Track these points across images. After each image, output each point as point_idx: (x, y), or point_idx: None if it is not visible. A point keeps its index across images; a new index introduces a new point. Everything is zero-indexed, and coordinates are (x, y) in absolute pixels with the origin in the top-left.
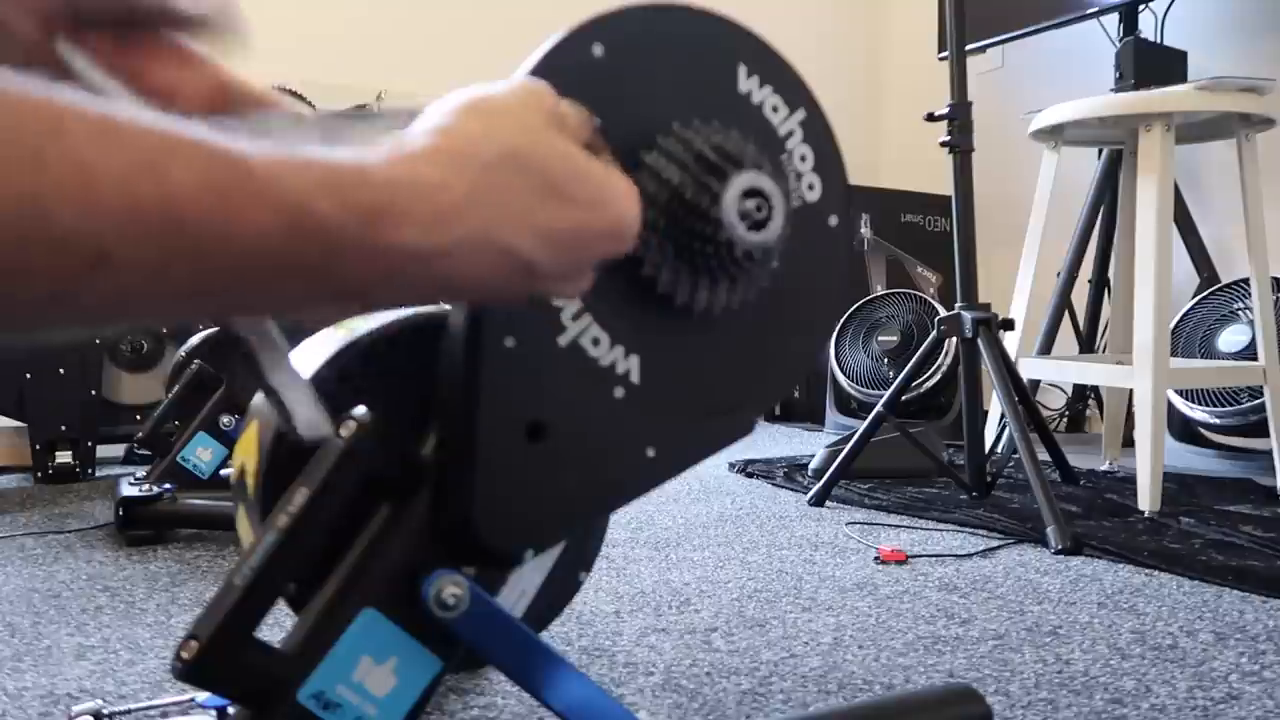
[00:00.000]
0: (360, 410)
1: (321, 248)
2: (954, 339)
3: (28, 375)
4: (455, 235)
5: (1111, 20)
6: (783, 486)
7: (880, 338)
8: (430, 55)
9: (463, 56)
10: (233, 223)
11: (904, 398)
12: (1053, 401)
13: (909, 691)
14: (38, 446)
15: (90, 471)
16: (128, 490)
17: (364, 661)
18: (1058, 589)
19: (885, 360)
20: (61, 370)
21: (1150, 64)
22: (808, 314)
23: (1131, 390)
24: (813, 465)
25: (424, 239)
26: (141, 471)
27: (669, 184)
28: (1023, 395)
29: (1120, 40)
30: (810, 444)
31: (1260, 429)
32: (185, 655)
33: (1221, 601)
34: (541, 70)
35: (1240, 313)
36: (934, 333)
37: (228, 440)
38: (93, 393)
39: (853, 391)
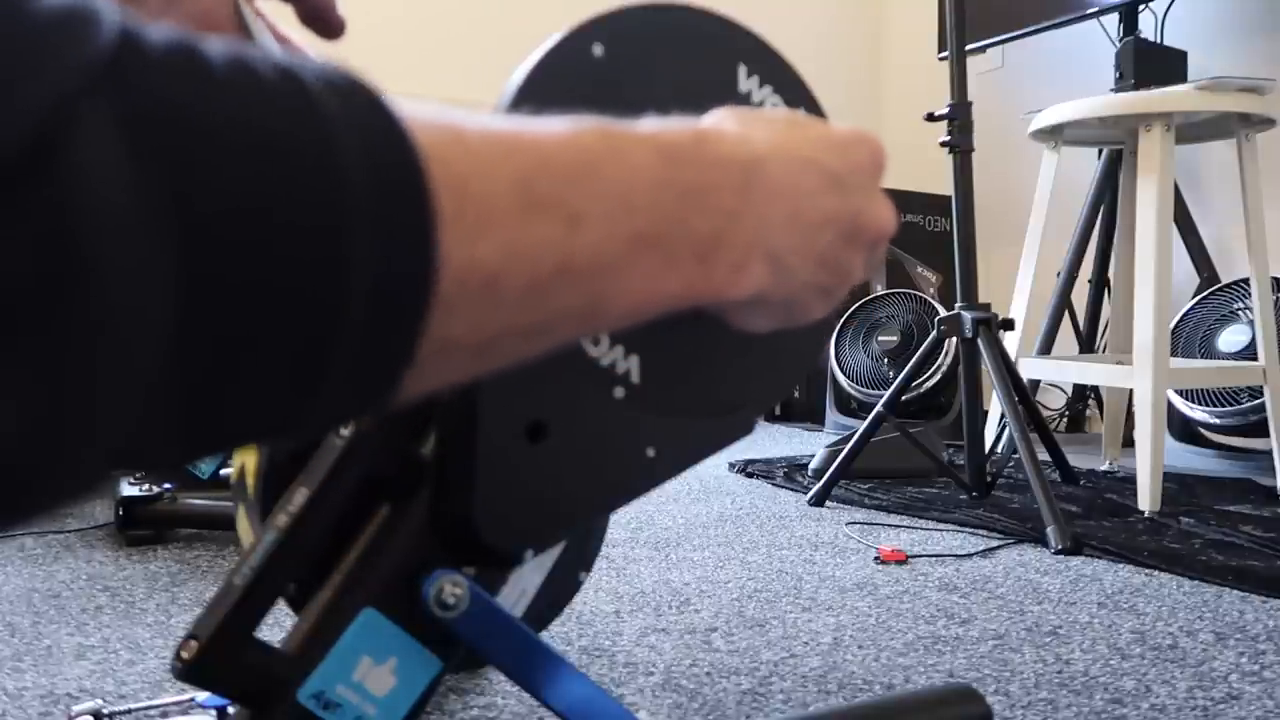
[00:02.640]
0: None
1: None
2: (954, 339)
3: None
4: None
5: (1111, 20)
6: (783, 486)
7: (880, 338)
8: (430, 55)
9: (463, 57)
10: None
11: (904, 398)
12: (1053, 401)
13: (909, 691)
14: None
15: None
16: (128, 490)
17: (364, 661)
18: (1058, 589)
19: (885, 360)
20: None
21: (1150, 64)
22: None
23: (1131, 390)
24: (813, 465)
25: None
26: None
27: None
28: (1023, 395)
29: (1120, 40)
30: (810, 444)
31: (1260, 429)
32: (185, 655)
33: (1221, 601)
34: (541, 70)
35: (1240, 313)
36: (934, 333)
37: None
38: None
39: (853, 391)
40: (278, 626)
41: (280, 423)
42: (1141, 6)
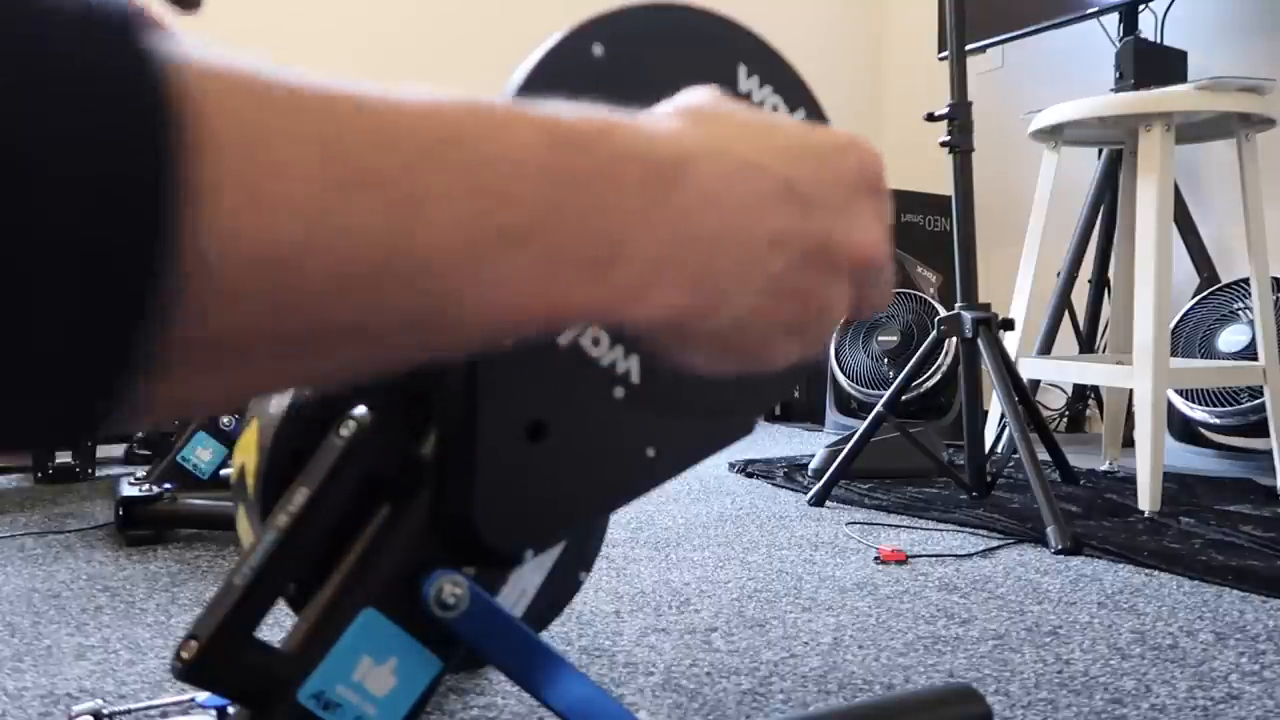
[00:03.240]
0: (360, 410)
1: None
2: (954, 339)
3: None
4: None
5: (1111, 20)
6: (783, 486)
7: (880, 338)
8: (430, 56)
9: (463, 57)
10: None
11: (904, 398)
12: (1053, 401)
13: (909, 691)
14: None
15: (90, 471)
16: (128, 490)
17: (364, 661)
18: (1058, 589)
19: (885, 360)
20: None
21: (1150, 64)
22: None
23: (1131, 390)
24: (813, 465)
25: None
26: (141, 471)
27: None
28: (1023, 395)
29: (1120, 40)
30: (810, 444)
31: (1260, 429)
32: (185, 655)
33: (1221, 601)
34: (541, 70)
35: (1240, 313)
36: (934, 333)
37: (228, 440)
38: None
39: (853, 391)
40: (278, 626)
41: None
42: (1141, 6)
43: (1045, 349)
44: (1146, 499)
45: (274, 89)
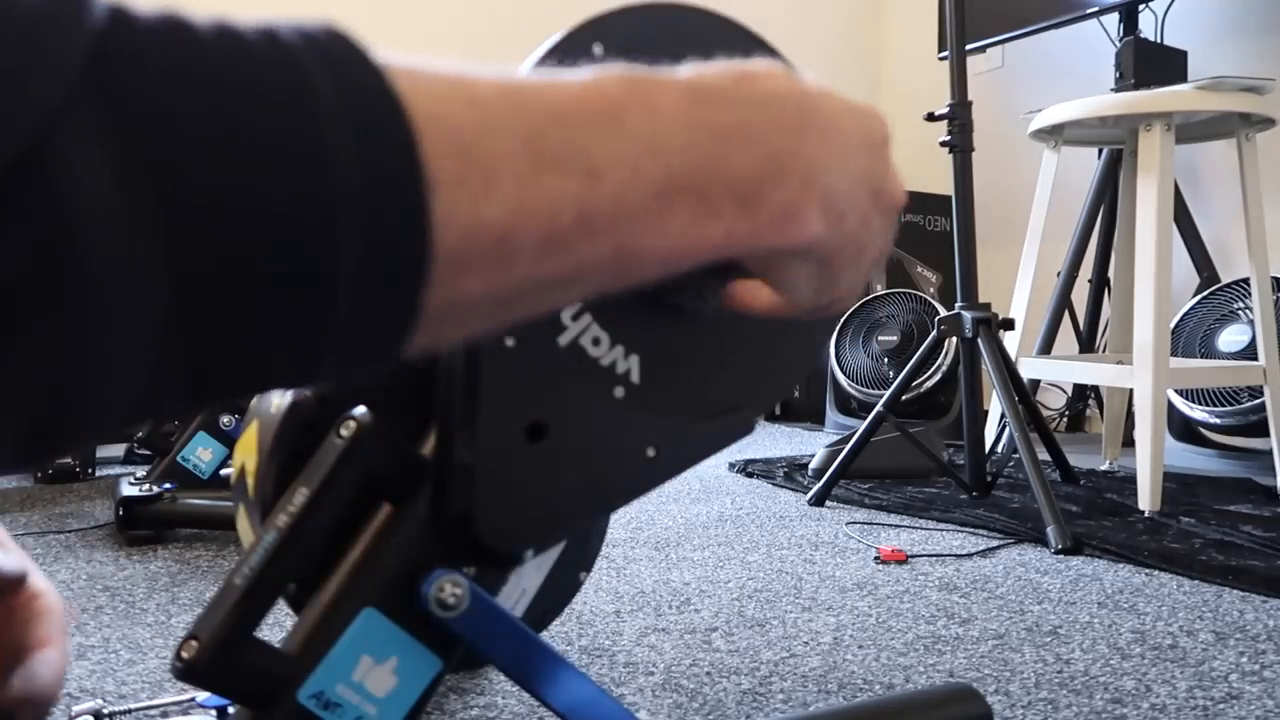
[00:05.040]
0: (360, 410)
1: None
2: (954, 339)
3: None
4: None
5: (1111, 20)
6: (783, 486)
7: (880, 337)
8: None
9: (464, 57)
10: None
11: (904, 398)
12: (1053, 401)
13: (909, 691)
14: None
15: (90, 471)
16: (128, 490)
17: (364, 661)
18: (1058, 589)
19: (885, 360)
20: None
21: (1150, 64)
22: None
23: (1131, 390)
24: (813, 465)
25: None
26: (141, 471)
27: None
28: (1023, 395)
29: (1120, 40)
30: (810, 444)
31: (1260, 429)
32: (185, 655)
33: (1221, 601)
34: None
35: (1240, 313)
36: (934, 333)
37: (228, 440)
38: None
39: (853, 391)
40: (278, 626)
41: (287, 381)
42: (1141, 6)
43: (1045, 349)
44: (1146, 499)
45: (476, 88)
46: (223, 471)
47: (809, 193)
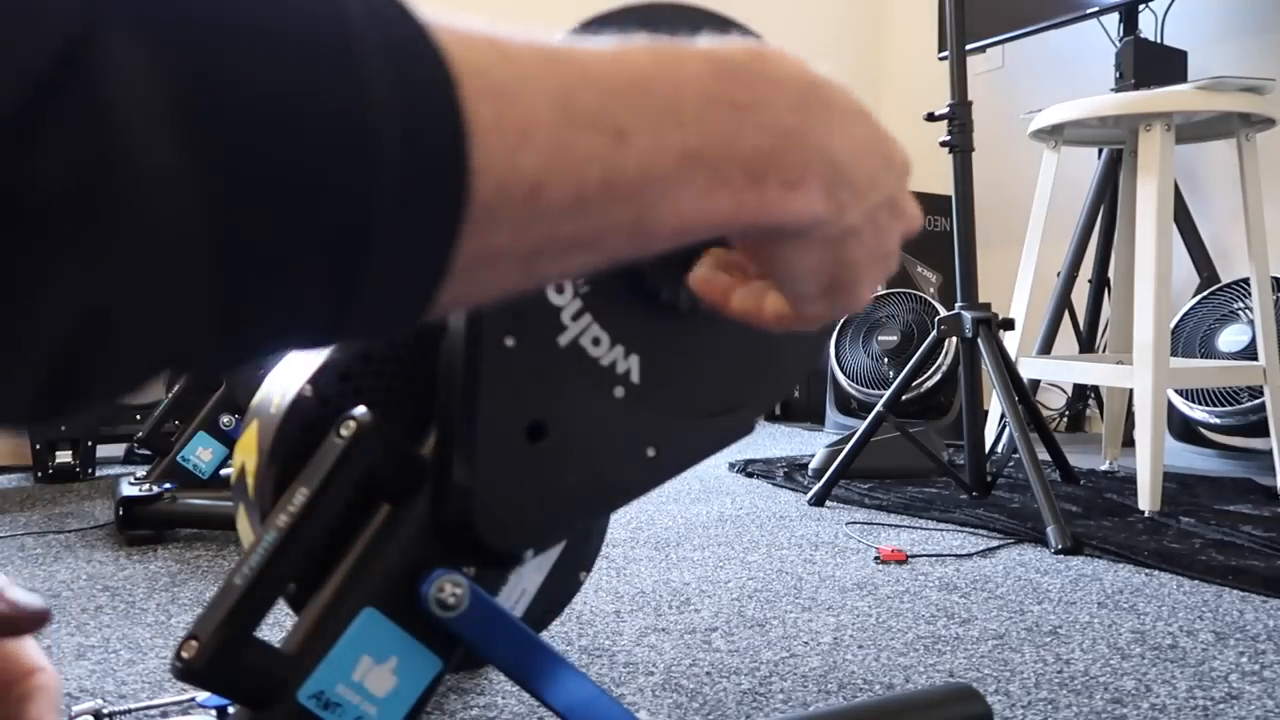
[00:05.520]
0: (360, 410)
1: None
2: (954, 339)
3: None
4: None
5: (1111, 20)
6: (783, 486)
7: (880, 337)
8: None
9: None
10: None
11: (904, 398)
12: (1053, 401)
13: (909, 691)
14: (38, 446)
15: (90, 471)
16: (128, 490)
17: (364, 661)
18: (1058, 589)
19: (885, 360)
20: None
21: (1150, 64)
22: None
23: (1131, 390)
24: (813, 465)
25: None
26: (141, 471)
27: None
28: (1023, 395)
29: (1120, 40)
30: (810, 444)
31: (1260, 429)
32: (185, 655)
33: (1221, 601)
34: None
35: (1240, 313)
36: (934, 333)
37: (228, 440)
38: None
39: (853, 391)
40: (278, 626)
41: (317, 330)
42: (1141, 6)
43: (1045, 349)
44: (1146, 499)
45: (509, 44)
46: (223, 471)
47: (813, 168)
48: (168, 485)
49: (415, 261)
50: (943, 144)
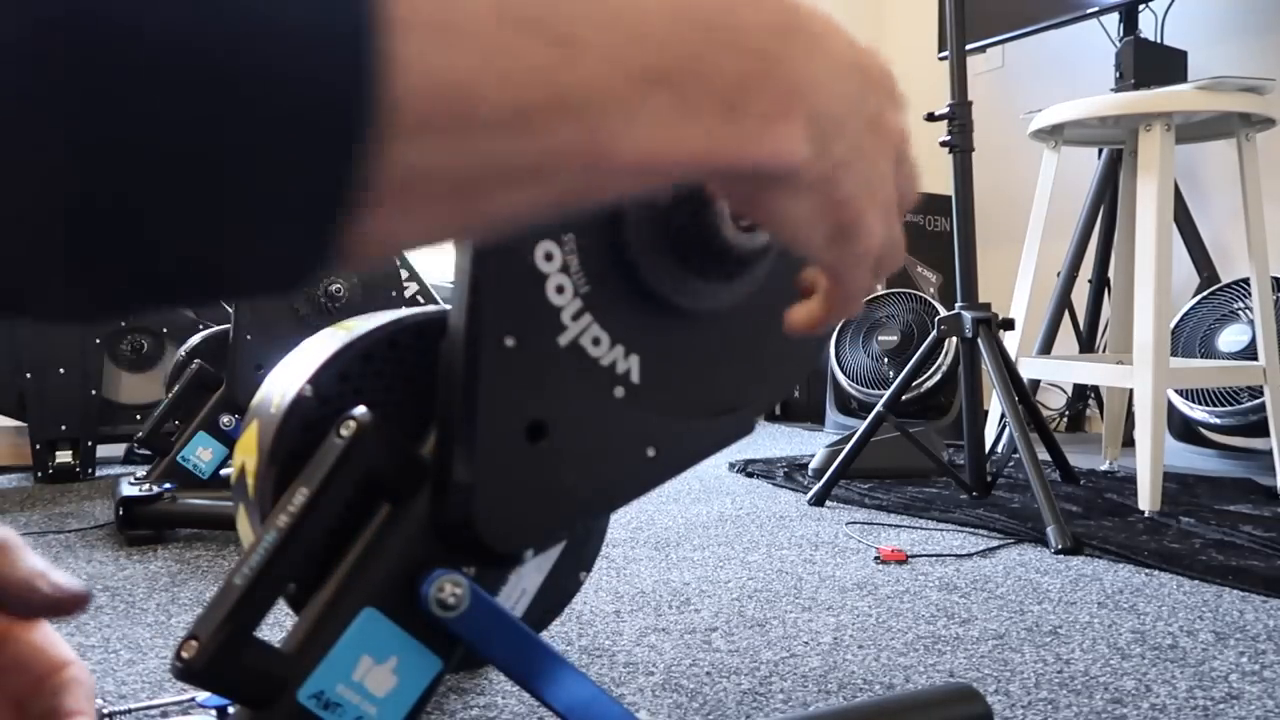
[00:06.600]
0: (360, 410)
1: None
2: (954, 339)
3: (28, 375)
4: None
5: (1111, 20)
6: (783, 486)
7: (880, 338)
8: None
9: None
10: None
11: (904, 398)
12: (1053, 401)
13: (909, 691)
14: (38, 446)
15: (90, 471)
16: (128, 490)
17: (364, 661)
18: (1058, 589)
19: (885, 360)
20: (61, 370)
21: (1150, 64)
22: None
23: (1131, 390)
24: (813, 465)
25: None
26: (141, 471)
27: None
28: (1023, 395)
29: (1120, 40)
30: (810, 444)
31: (1260, 429)
32: (185, 655)
33: (1221, 601)
34: None
35: (1240, 313)
36: (934, 333)
37: (228, 440)
38: (93, 392)
39: (853, 391)
40: (278, 626)
41: (207, 270)
42: (1141, 6)
43: (1045, 349)
44: (1146, 499)
45: None
46: (223, 471)
47: (795, 100)
48: (168, 485)
49: (324, 170)
50: (943, 144)
